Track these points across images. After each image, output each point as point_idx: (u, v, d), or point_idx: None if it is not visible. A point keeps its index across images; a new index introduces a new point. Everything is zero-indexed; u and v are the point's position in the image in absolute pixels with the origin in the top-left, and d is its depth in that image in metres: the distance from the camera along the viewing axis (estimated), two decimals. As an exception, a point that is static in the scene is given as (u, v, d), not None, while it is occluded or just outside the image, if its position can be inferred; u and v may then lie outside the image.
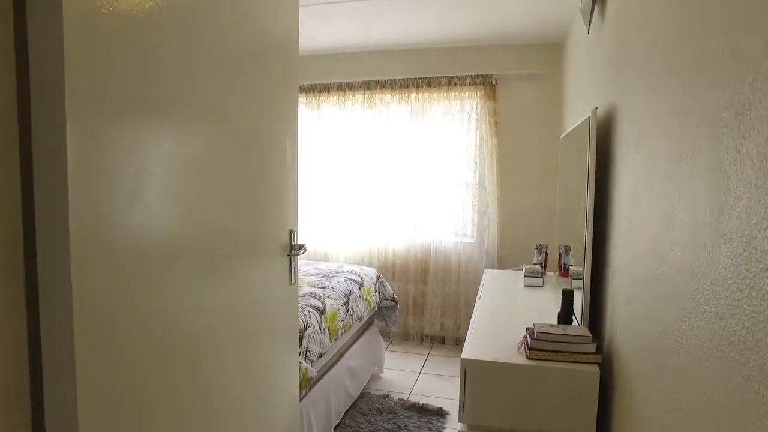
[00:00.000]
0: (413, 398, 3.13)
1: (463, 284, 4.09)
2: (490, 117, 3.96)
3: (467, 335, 1.95)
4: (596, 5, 2.02)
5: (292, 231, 1.55)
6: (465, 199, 4.10)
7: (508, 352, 1.76)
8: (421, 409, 2.95)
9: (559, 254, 3.00)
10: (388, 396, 3.14)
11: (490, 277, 3.07)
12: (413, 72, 4.10)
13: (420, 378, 3.49)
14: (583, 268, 1.86)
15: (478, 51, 4.00)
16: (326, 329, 2.45)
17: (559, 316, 1.89)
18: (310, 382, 2.10)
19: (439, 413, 2.92)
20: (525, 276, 2.87)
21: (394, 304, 3.52)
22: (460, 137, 4.07)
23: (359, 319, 2.97)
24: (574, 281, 2.32)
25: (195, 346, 1.18)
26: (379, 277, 3.49)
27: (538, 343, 1.70)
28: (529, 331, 1.78)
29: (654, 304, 1.16)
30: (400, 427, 2.74)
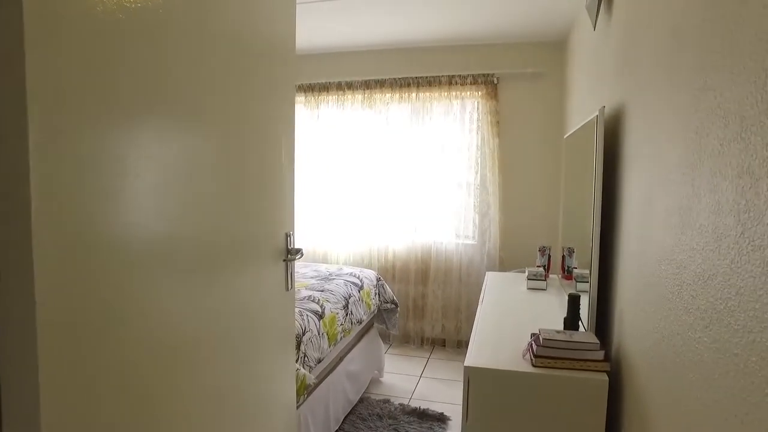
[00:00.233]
0: (414, 403, 3.08)
1: (465, 286, 4.03)
2: (492, 117, 3.90)
3: (470, 341, 1.89)
4: (603, 1, 1.96)
5: (288, 235, 1.49)
6: (466, 200, 4.04)
7: (513, 359, 1.70)
8: (422, 415, 2.90)
9: (563, 256, 2.95)
10: (388, 401, 3.08)
11: (492, 280, 3.01)
12: (413, 71, 4.04)
13: (420, 382, 3.44)
14: (590, 273, 1.80)
15: (479, 50, 3.94)
16: (325, 334, 2.39)
17: (565, 322, 1.84)
18: (309, 389, 2.04)
19: (441, 419, 2.86)
20: (528, 279, 2.82)
21: (394, 307, 3.46)
22: (461, 137, 4.02)
23: (359, 322, 2.91)
24: (579, 284, 2.27)
25: (182, 355, 1.12)
26: (378, 280, 3.43)
27: (544, 350, 1.64)
28: (535, 337, 1.72)
29: (670, 313, 1.10)
30: (401, 433, 2.68)
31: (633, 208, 1.50)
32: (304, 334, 2.20)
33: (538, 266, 3.08)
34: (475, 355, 1.73)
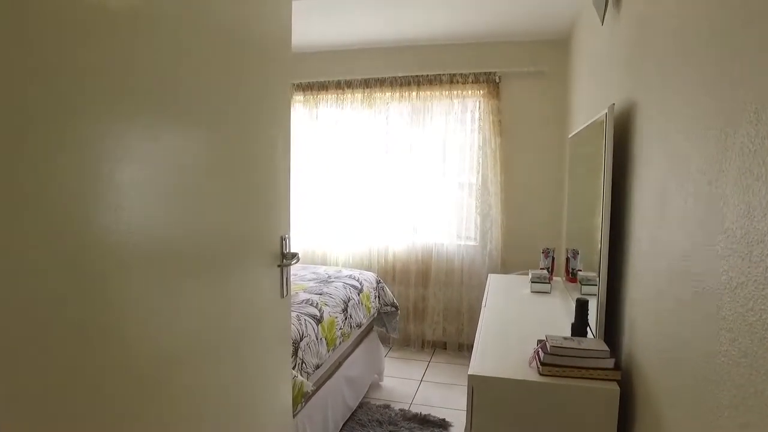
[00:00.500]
0: (414, 408, 3.01)
1: (466, 288, 3.96)
2: (494, 116, 3.83)
3: (474, 348, 1.82)
4: (611, -5, 1.90)
5: (284, 238, 1.41)
6: (467, 201, 3.97)
7: (519, 367, 1.64)
8: (423, 421, 2.83)
9: (567, 258, 2.88)
10: (388, 406, 3.01)
11: (495, 282, 2.94)
12: (414, 69, 3.98)
13: (421, 386, 3.37)
14: (598, 276, 1.73)
15: (481, 48, 3.88)
16: (323, 339, 2.32)
17: (573, 328, 1.77)
18: (306, 397, 1.97)
19: (442, 425, 2.80)
20: (532, 282, 2.74)
21: (394, 310, 3.39)
22: (462, 137, 3.95)
23: (358, 326, 2.84)
24: (584, 287, 2.20)
25: (171, 363, 1.05)
26: (378, 282, 3.36)
27: (552, 357, 1.58)
28: (541, 344, 1.65)
29: (690, 322, 1.03)
30: (401, 440, 2.62)
31: (645, 210, 1.43)
32: (301, 339, 2.13)
33: (541, 268, 3.00)
34: (480, 363, 1.66)
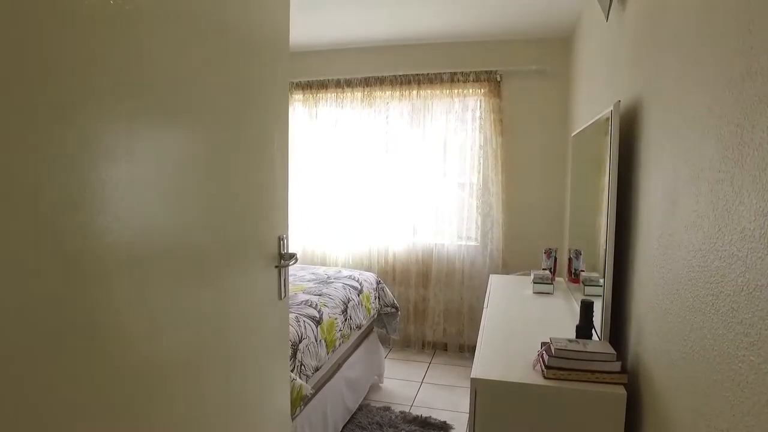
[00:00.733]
0: (415, 410, 2.97)
1: (467, 289, 3.92)
2: (495, 115, 3.80)
3: (476, 350, 1.78)
4: (616, -10, 1.86)
5: (281, 238, 1.37)
6: (468, 201, 3.93)
7: (523, 370, 1.60)
8: (424, 423, 2.79)
9: (569, 259, 2.84)
10: (388, 408, 2.97)
11: (497, 283, 2.90)
12: (414, 68, 3.94)
13: (422, 388, 3.33)
14: (604, 277, 1.70)
15: (482, 46, 3.84)
16: (323, 341, 2.28)
17: (578, 330, 1.73)
18: (305, 400, 1.94)
19: (443, 428, 2.76)
20: (534, 282, 2.71)
21: (394, 311, 3.35)
22: (463, 136, 3.91)
23: (358, 327, 2.80)
24: (587, 288, 2.17)
25: (166, 366, 1.01)
26: (378, 283, 3.32)
27: (556, 360, 1.54)
28: (546, 346, 1.61)
29: (703, 326, 0.99)
30: (402, 443, 2.58)
31: (653, 209, 1.40)
32: (300, 341, 2.09)
33: (543, 269, 2.97)
34: (482, 366, 1.63)
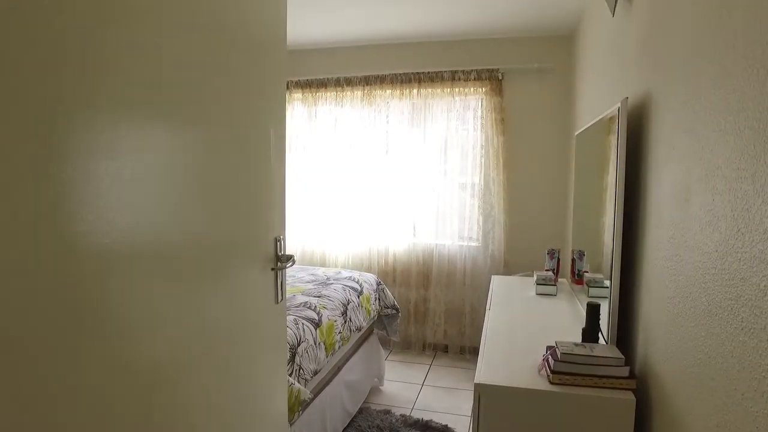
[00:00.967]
0: (416, 414, 2.92)
1: (468, 290, 3.87)
2: (496, 114, 3.75)
3: (480, 354, 1.74)
4: (622, -16, 1.81)
5: (278, 240, 1.32)
6: (470, 201, 3.89)
7: (527, 375, 1.55)
8: (425, 427, 2.74)
9: (572, 259, 2.80)
10: (389, 412, 2.92)
11: (499, 284, 2.85)
12: (415, 66, 3.89)
13: (423, 391, 3.28)
14: (610, 280, 1.65)
15: (483, 44, 3.79)
16: (322, 344, 2.23)
17: (584, 333, 1.68)
18: (303, 405, 1.89)
19: (444, 431, 2.71)
20: (537, 283, 2.66)
21: (395, 313, 3.31)
22: (464, 135, 3.87)
23: (358, 329, 2.76)
24: (591, 289, 2.12)
25: (155, 371, 0.96)
26: (379, 284, 3.27)
27: (563, 365, 1.49)
28: (551, 350, 1.57)
29: (721, 331, 0.95)
30: (403, 448, 2.53)
31: (662, 208, 1.35)
32: (299, 344, 2.04)
33: (546, 270, 2.92)
34: (486, 371, 1.58)
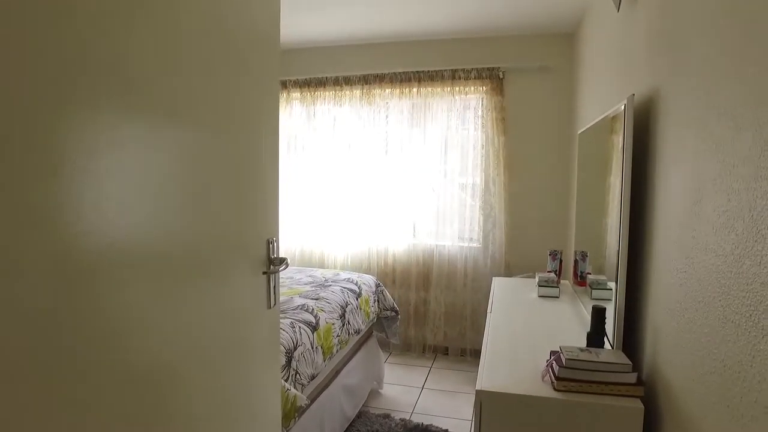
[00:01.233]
0: (416, 418, 2.87)
1: (469, 291, 3.82)
2: (497, 113, 3.70)
3: (481, 360, 1.68)
4: (627, -21, 1.76)
5: (270, 242, 1.27)
6: (470, 201, 3.83)
7: (531, 382, 1.50)
8: (425, 432, 2.69)
9: (575, 261, 2.75)
10: (388, 416, 2.87)
11: (500, 286, 2.80)
12: (414, 65, 3.84)
13: (423, 394, 3.23)
14: (616, 282, 1.60)
15: (484, 42, 3.74)
16: (319, 347, 2.18)
17: (589, 338, 1.63)
18: (300, 411, 1.83)
19: (445, 437, 2.66)
20: (539, 285, 2.61)
21: (394, 315, 3.25)
22: (464, 135, 3.81)
23: (356, 332, 2.70)
24: (594, 291, 2.07)
25: (138, 381, 0.91)
26: (378, 286, 3.22)
27: (567, 371, 1.44)
28: (555, 356, 1.52)
29: (738, 339, 0.89)
30: (402, 453, 2.48)
31: (672, 208, 1.30)
32: (295, 348, 1.99)
33: (549, 271, 2.87)
34: (488, 377, 1.53)
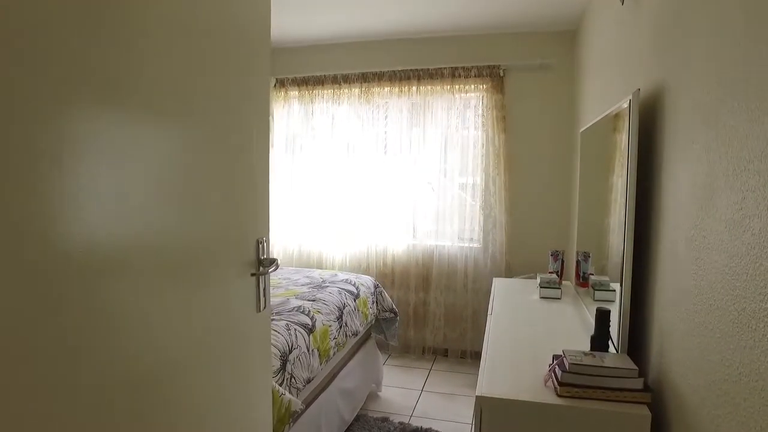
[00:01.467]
0: (415, 421, 2.82)
1: (470, 292, 3.77)
2: (498, 111, 3.64)
3: (481, 364, 1.63)
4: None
5: (260, 242, 1.21)
6: (470, 201, 3.78)
7: (533, 387, 1.44)
8: (424, 436, 2.63)
9: (577, 261, 2.70)
10: (387, 419, 2.82)
11: (500, 287, 2.74)
12: (414, 63, 3.79)
13: (422, 397, 3.17)
14: (621, 284, 1.55)
15: (484, 40, 3.69)
16: (315, 350, 2.12)
17: (593, 341, 1.57)
18: (294, 416, 1.78)
19: (444, 441, 2.60)
20: (540, 286, 2.55)
21: (393, 317, 3.20)
22: (464, 134, 3.76)
23: (354, 334, 2.65)
24: (597, 292, 2.02)
25: (117, 389, 0.86)
26: (377, 287, 3.16)
27: (571, 376, 1.38)
28: (558, 360, 1.46)
29: (755, 345, 0.84)
30: (401, 458, 2.42)
31: (680, 207, 1.24)
32: (290, 351, 1.93)
33: (550, 272, 2.82)
34: (489, 382, 1.47)
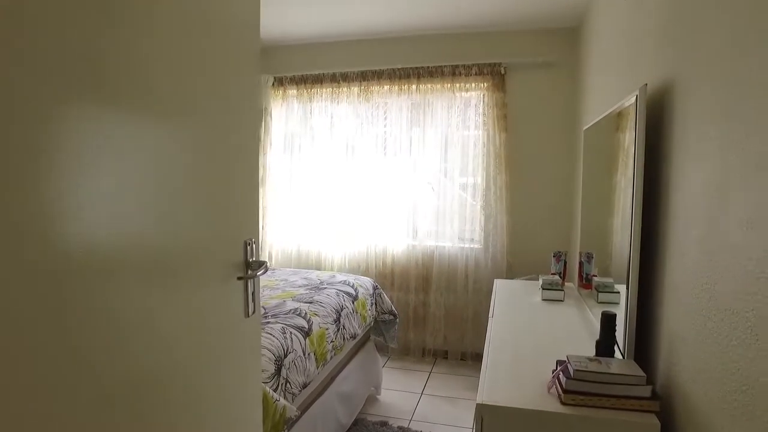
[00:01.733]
0: (414, 426, 2.76)
1: (470, 294, 3.71)
2: (499, 110, 3.59)
3: (482, 370, 1.57)
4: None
5: (249, 243, 1.15)
6: (471, 201, 3.72)
7: (536, 394, 1.39)
8: (424, 441, 2.58)
9: (580, 262, 2.64)
10: (386, 423, 2.76)
11: (502, 289, 2.69)
12: (414, 61, 3.74)
13: (422, 400, 3.12)
14: (627, 287, 1.49)
15: (485, 37, 3.63)
16: (312, 354, 2.07)
17: (598, 346, 1.52)
18: (289, 423, 1.73)
19: (445, 446, 2.55)
20: (543, 288, 2.49)
21: (392, 319, 3.14)
22: (465, 133, 3.70)
23: (352, 337, 2.59)
24: (601, 294, 1.96)
25: (97, 401, 0.81)
26: (375, 288, 3.11)
27: (576, 383, 1.33)
28: (562, 366, 1.40)
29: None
30: (400, 464, 2.37)
31: (690, 207, 1.19)
32: (286, 356, 1.88)
33: (552, 273, 2.76)
34: (490, 389, 1.42)
